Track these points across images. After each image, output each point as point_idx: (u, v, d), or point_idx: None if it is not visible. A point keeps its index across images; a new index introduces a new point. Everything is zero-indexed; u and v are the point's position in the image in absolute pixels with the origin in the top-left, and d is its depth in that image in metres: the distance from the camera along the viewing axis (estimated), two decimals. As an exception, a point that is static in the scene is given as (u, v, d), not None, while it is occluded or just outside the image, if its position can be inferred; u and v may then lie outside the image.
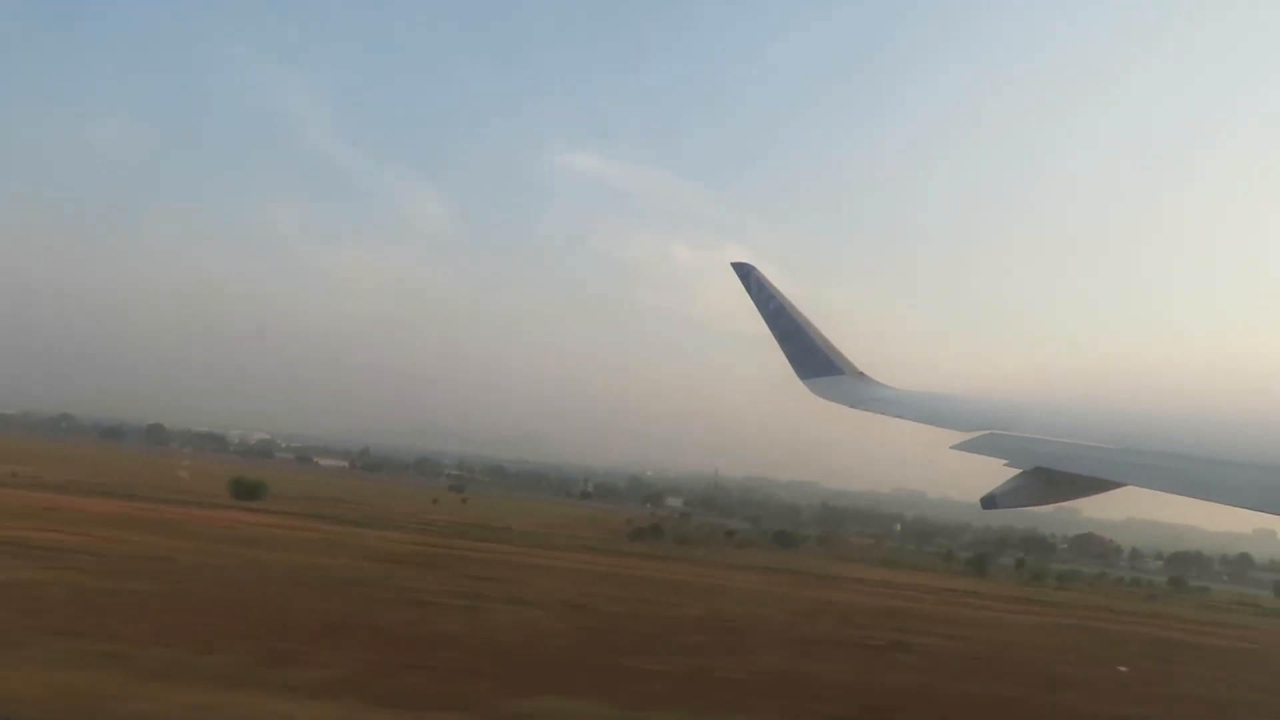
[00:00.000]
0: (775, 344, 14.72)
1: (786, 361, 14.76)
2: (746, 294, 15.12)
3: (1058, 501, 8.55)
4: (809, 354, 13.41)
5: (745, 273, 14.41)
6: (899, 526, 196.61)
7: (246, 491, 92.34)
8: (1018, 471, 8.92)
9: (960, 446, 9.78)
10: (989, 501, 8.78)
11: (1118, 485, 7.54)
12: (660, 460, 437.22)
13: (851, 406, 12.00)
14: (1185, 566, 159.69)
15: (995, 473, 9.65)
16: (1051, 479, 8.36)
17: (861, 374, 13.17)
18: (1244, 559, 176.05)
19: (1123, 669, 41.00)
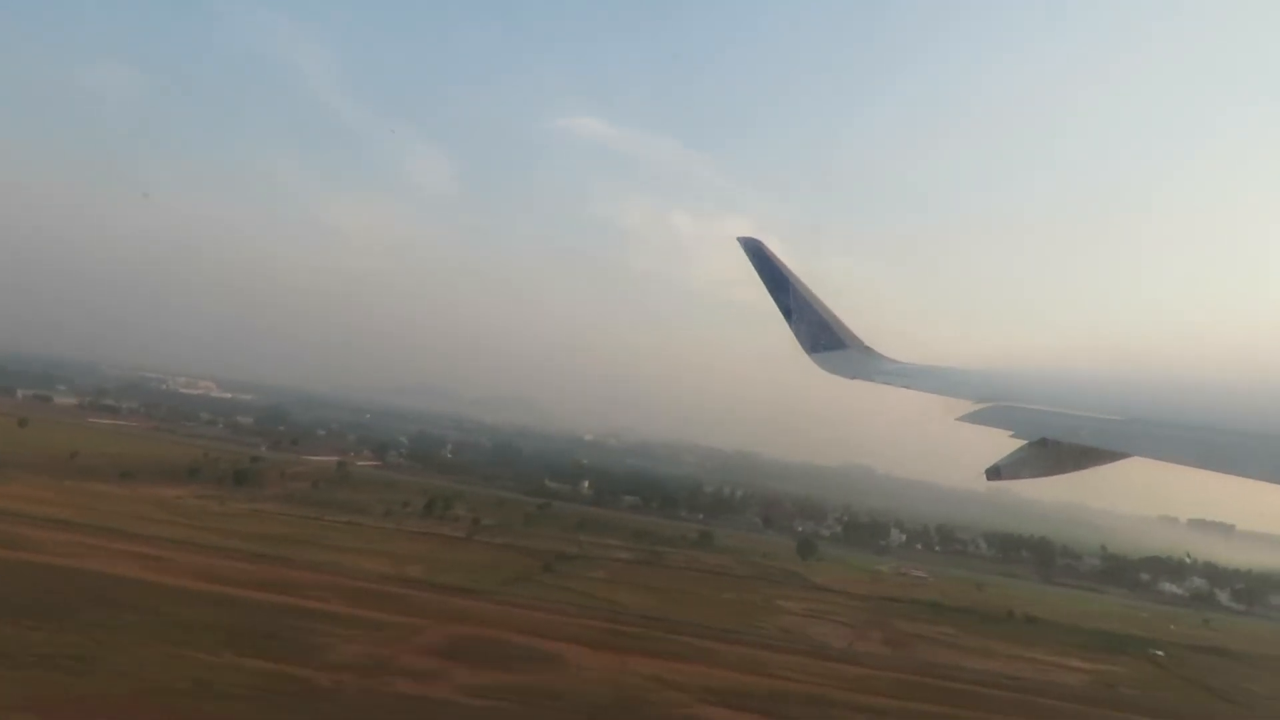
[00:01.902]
0: (768, 317, 14.88)
1: (777, 334, 14.95)
2: (750, 267, 15.22)
3: (1062, 472, 8.76)
4: (815, 328, 13.61)
5: (753, 247, 14.51)
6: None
7: None
8: (1023, 442, 9.16)
9: (966, 418, 10.03)
10: (994, 472, 9.04)
11: (1123, 456, 7.79)
12: (634, 427, 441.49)
13: (857, 379, 12.23)
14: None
15: (977, 446, 9.92)
16: (1056, 450, 8.60)
17: (868, 348, 13.40)
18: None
19: None
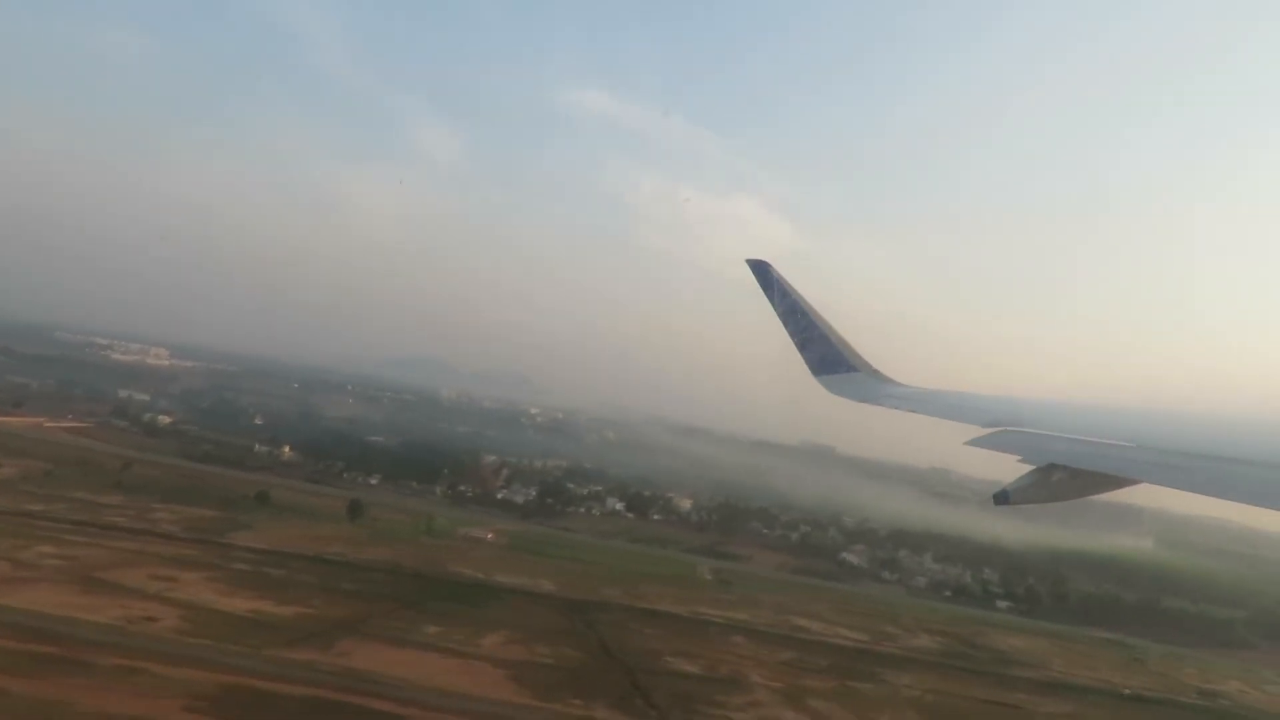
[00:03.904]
0: (768, 301, 14.97)
1: (765, 317, 15.06)
2: (760, 287, 15.41)
3: (1071, 498, 8.91)
4: (824, 351, 13.78)
5: (762, 270, 14.68)
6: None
7: None
8: (1032, 467, 9.30)
9: (974, 442, 10.22)
10: (1002, 497, 9.18)
11: (1132, 482, 7.96)
12: (600, 403, 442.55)
13: (865, 403, 12.38)
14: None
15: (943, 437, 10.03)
16: (1065, 475, 8.75)
17: (876, 371, 13.56)
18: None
19: None
